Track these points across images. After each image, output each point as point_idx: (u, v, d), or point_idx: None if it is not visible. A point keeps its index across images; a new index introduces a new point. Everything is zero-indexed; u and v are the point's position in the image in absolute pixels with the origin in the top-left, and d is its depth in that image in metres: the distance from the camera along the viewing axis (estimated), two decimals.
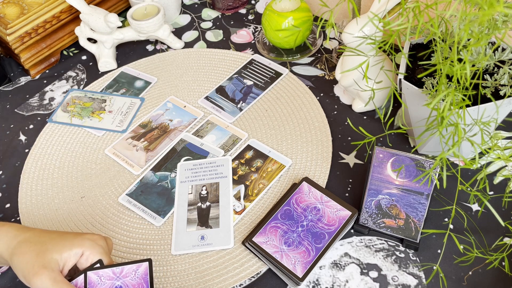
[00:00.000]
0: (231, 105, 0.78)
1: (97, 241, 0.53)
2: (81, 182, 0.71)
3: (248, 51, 0.88)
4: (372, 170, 0.60)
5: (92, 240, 0.53)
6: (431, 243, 0.59)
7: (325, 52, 0.85)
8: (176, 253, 0.61)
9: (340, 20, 0.86)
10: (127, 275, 0.52)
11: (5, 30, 0.83)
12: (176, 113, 0.78)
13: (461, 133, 0.46)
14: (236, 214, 0.64)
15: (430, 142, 0.64)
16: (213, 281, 0.58)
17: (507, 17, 0.48)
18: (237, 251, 0.61)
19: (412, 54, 0.63)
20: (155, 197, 0.67)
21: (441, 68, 0.46)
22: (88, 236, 0.53)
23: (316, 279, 0.57)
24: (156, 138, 0.75)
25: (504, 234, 0.58)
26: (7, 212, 0.69)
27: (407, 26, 0.44)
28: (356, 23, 0.63)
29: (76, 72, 0.90)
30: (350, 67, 0.66)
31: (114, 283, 0.51)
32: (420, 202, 0.58)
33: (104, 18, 0.83)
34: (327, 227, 0.59)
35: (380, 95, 0.70)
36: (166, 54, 0.90)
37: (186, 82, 0.83)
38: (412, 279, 0.56)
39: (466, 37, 0.42)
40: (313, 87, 0.79)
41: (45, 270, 0.49)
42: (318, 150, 0.70)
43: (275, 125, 0.74)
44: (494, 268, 0.56)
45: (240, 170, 0.69)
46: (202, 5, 1.00)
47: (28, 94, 0.87)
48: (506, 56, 0.55)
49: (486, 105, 0.53)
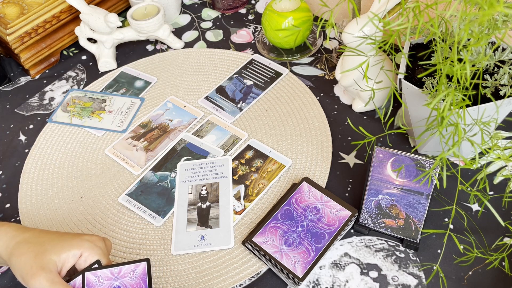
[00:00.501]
0: (231, 105, 0.78)
1: (95, 242, 0.53)
2: (81, 182, 0.71)
3: (248, 51, 0.88)
4: (372, 170, 0.60)
5: (91, 241, 0.53)
6: (431, 243, 0.59)
7: (325, 52, 0.85)
8: (176, 253, 0.61)
9: (340, 20, 0.86)
10: (125, 275, 0.52)
11: (5, 30, 0.83)
12: (176, 113, 0.78)
13: (461, 133, 0.46)
14: (236, 214, 0.64)
15: (430, 142, 0.64)
16: (213, 281, 0.58)
17: (507, 17, 0.48)
18: (237, 251, 0.61)
19: (412, 54, 0.63)
20: (155, 197, 0.67)
21: (441, 68, 0.46)
22: (86, 237, 0.53)
23: (316, 279, 0.57)
24: (156, 138, 0.75)
25: (504, 234, 0.58)
26: (7, 212, 0.69)
27: (407, 26, 0.44)
28: (356, 23, 0.62)
29: (76, 72, 0.90)
30: (350, 67, 0.66)
31: (113, 284, 0.51)
32: (420, 202, 0.58)
33: (104, 18, 0.83)
34: (327, 227, 0.59)
35: (380, 95, 0.70)
36: (166, 54, 0.90)
37: (186, 82, 0.83)
38: (412, 279, 0.56)
39: (466, 37, 0.42)
40: (313, 87, 0.79)
41: (43, 271, 0.49)
42: (318, 150, 0.70)
43: (275, 125, 0.74)
44: (494, 268, 0.56)
45: (240, 170, 0.69)
46: (202, 5, 1.00)
47: (28, 94, 0.87)
48: (506, 56, 0.55)
49: (486, 105, 0.53)
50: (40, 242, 0.52)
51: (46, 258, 0.50)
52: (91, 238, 0.53)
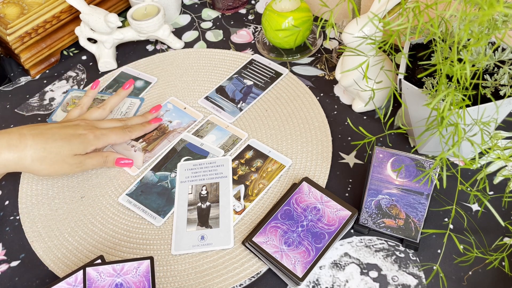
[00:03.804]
0: (231, 105, 0.78)
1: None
2: (81, 182, 0.71)
3: (248, 51, 0.88)
4: (372, 170, 0.60)
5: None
6: (431, 243, 0.59)
7: (325, 52, 0.85)
8: (176, 253, 0.61)
9: (340, 20, 0.86)
10: (128, 272, 0.51)
11: (5, 30, 0.83)
12: (176, 114, 0.78)
13: (461, 133, 0.46)
14: (236, 214, 0.64)
15: (430, 142, 0.64)
16: (213, 281, 0.58)
17: (507, 17, 0.48)
18: (237, 251, 0.61)
19: (412, 54, 0.63)
20: (155, 197, 0.67)
21: (441, 68, 0.46)
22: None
23: (316, 279, 0.57)
24: (155, 139, 0.75)
25: (504, 234, 0.58)
26: (6, 211, 0.69)
27: (407, 26, 0.44)
28: (356, 23, 0.63)
29: (76, 72, 0.90)
30: (350, 67, 0.66)
31: (115, 280, 0.51)
32: (420, 202, 0.58)
33: (104, 18, 0.83)
34: (327, 227, 0.59)
35: (380, 95, 0.70)
36: (166, 54, 0.90)
37: (186, 82, 0.83)
38: (412, 279, 0.56)
39: (466, 37, 0.42)
40: (313, 87, 0.79)
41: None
42: (318, 150, 0.70)
43: (275, 125, 0.74)
44: (494, 268, 0.56)
45: (240, 170, 0.69)
46: (202, 5, 1.00)
47: (28, 94, 0.87)
48: (506, 56, 0.55)
49: (486, 105, 0.53)
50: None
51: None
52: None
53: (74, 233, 0.65)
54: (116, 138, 0.70)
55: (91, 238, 0.64)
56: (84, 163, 0.67)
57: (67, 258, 0.62)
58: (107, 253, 0.62)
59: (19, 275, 0.62)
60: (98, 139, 0.68)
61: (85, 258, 0.62)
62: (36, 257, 0.63)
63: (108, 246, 0.63)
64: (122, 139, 0.71)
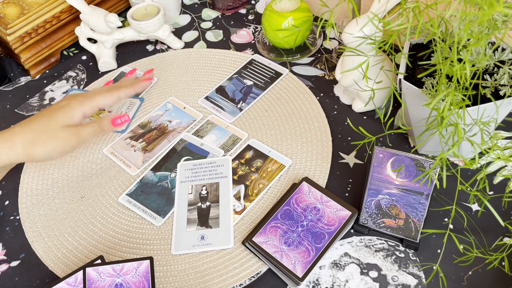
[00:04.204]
0: (231, 105, 0.78)
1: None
2: (81, 182, 0.71)
3: (248, 51, 0.88)
4: (372, 170, 0.60)
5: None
6: (431, 243, 0.59)
7: (325, 52, 0.85)
8: (176, 253, 0.61)
9: (340, 20, 0.86)
10: (128, 272, 0.52)
11: (5, 30, 0.83)
12: (175, 114, 0.78)
13: (461, 133, 0.46)
14: (236, 214, 0.64)
15: (430, 142, 0.64)
16: (213, 281, 0.58)
17: (507, 17, 0.48)
18: (237, 251, 0.61)
19: (412, 54, 0.63)
20: (155, 197, 0.67)
21: (441, 68, 0.46)
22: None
23: (316, 279, 0.57)
24: (155, 139, 0.75)
25: (504, 234, 0.58)
26: (6, 211, 0.69)
27: (407, 26, 0.44)
28: (356, 23, 0.63)
29: (76, 72, 0.90)
30: (350, 67, 0.66)
31: (115, 280, 0.51)
32: (420, 202, 0.58)
33: (104, 18, 0.83)
34: (327, 227, 0.59)
35: (380, 95, 0.70)
36: (166, 54, 0.90)
37: (186, 82, 0.83)
38: (412, 279, 0.56)
39: (466, 37, 0.42)
40: (313, 87, 0.79)
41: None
42: (318, 150, 0.70)
43: (275, 125, 0.74)
44: (494, 268, 0.56)
45: (240, 170, 0.69)
46: (202, 5, 1.00)
47: (28, 94, 0.87)
48: (506, 56, 0.55)
49: (486, 105, 0.53)
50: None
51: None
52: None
53: (74, 233, 0.65)
54: (102, 98, 0.67)
55: (91, 238, 0.64)
56: (80, 134, 0.64)
57: (67, 258, 0.62)
58: (107, 253, 0.62)
59: (19, 275, 0.62)
60: (82, 104, 0.65)
61: (85, 258, 0.62)
62: (36, 257, 0.63)
63: (108, 246, 0.63)
64: (110, 99, 0.69)
